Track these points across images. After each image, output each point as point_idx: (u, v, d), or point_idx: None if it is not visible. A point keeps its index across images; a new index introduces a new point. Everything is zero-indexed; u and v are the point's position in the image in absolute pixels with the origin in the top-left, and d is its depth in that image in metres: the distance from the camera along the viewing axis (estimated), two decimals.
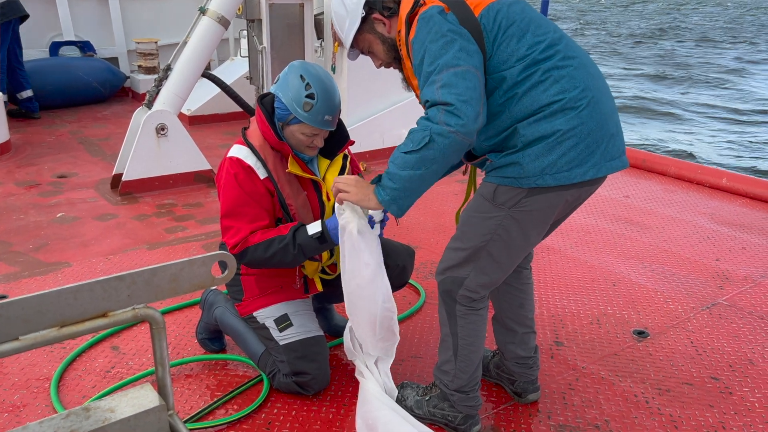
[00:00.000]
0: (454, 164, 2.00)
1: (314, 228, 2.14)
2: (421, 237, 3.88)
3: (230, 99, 5.00)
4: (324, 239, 2.13)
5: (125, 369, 2.52)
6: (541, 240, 2.02)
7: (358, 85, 5.01)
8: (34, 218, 4.07)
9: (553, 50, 1.79)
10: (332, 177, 2.35)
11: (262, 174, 2.22)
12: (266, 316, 2.34)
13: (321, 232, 2.12)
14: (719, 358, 2.67)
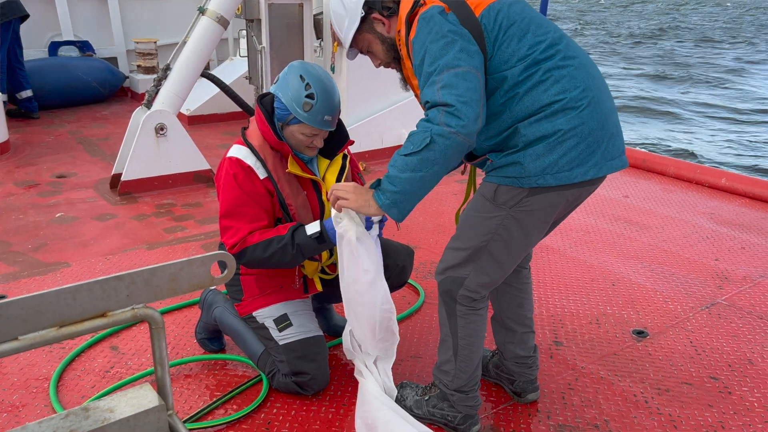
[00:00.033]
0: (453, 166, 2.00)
1: (313, 228, 2.14)
2: (420, 237, 3.88)
3: (229, 99, 5.00)
4: (323, 239, 2.13)
5: (124, 369, 2.51)
6: (541, 239, 2.02)
7: (357, 85, 5.01)
8: (33, 218, 4.07)
9: (554, 50, 1.79)
10: (332, 177, 2.35)
11: (261, 174, 2.22)
12: (266, 315, 2.34)
13: (319, 232, 2.12)
14: (718, 358, 2.67)
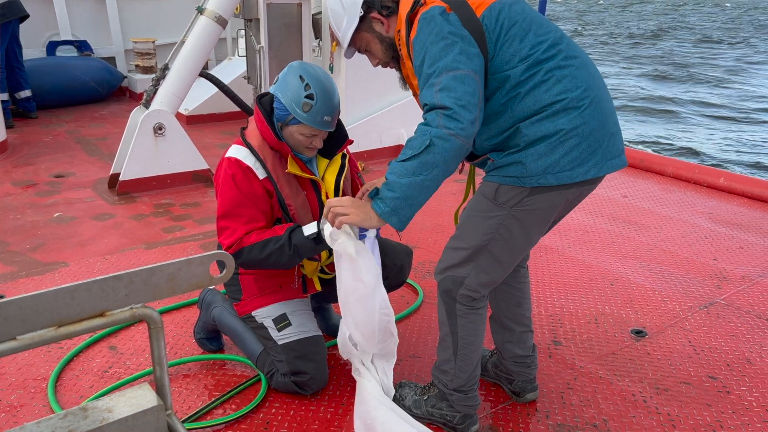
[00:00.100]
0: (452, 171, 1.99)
1: (310, 229, 2.13)
2: (419, 236, 3.88)
3: (228, 98, 5.00)
4: (320, 240, 2.11)
5: (123, 369, 2.51)
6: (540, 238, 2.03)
7: (356, 85, 5.01)
8: (31, 218, 4.07)
9: (556, 50, 1.79)
10: (331, 176, 2.34)
11: (261, 174, 2.21)
12: (265, 315, 2.34)
13: (317, 233, 2.11)
14: (717, 357, 2.68)
